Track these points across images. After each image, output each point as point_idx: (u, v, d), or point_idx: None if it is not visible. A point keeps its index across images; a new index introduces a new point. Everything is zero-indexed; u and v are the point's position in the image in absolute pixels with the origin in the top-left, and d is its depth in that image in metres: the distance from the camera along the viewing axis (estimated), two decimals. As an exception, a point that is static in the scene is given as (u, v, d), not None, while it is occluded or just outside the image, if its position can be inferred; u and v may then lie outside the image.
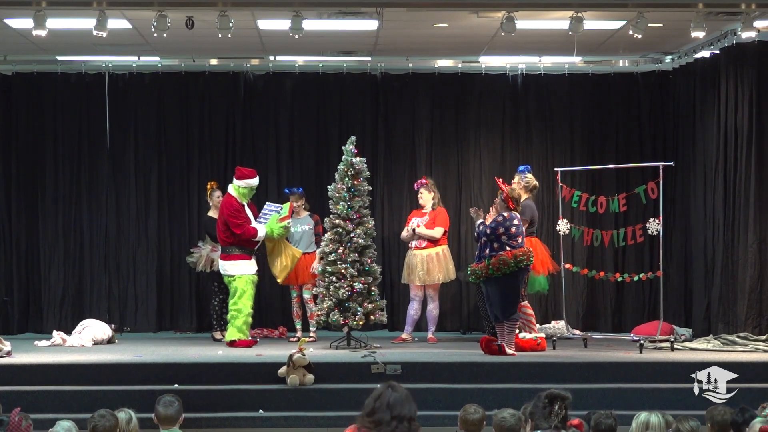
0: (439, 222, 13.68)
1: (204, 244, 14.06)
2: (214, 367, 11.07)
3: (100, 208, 15.05)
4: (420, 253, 13.59)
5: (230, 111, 15.21)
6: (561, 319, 13.89)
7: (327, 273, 12.50)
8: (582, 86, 15.23)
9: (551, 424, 6.11)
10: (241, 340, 12.66)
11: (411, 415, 5.96)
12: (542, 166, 15.03)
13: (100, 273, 15.00)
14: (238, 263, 12.90)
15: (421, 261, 13.56)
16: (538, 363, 11.24)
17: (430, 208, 13.72)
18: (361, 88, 15.25)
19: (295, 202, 13.73)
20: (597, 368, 11.16)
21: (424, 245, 13.58)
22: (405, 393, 6.06)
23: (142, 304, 15.02)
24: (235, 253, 12.90)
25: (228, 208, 12.93)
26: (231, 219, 12.83)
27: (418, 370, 11.00)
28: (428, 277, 13.54)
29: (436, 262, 13.57)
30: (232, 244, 12.90)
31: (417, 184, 13.88)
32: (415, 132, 15.22)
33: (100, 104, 15.05)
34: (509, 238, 11.67)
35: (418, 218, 13.69)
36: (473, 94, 15.24)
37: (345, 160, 12.71)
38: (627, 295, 15.01)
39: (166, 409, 7.24)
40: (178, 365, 11.13)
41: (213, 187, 14.05)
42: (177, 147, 15.15)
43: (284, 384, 10.55)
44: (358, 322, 12.36)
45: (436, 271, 13.56)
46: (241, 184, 12.97)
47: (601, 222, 14.26)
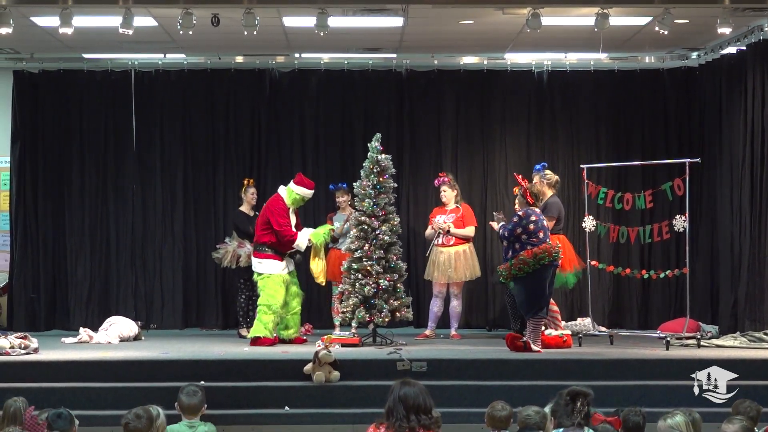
0: (469, 220, 13.67)
1: (231, 240, 14.05)
2: (239, 364, 11.10)
3: (126, 205, 15.11)
4: (447, 251, 13.57)
5: (255, 108, 15.23)
6: (587, 316, 13.84)
7: (352, 270, 12.50)
8: (608, 83, 15.18)
9: (574, 421, 6.12)
10: (265, 338, 12.62)
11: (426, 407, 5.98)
12: (568, 163, 15.01)
13: (127, 270, 15.06)
14: (268, 262, 12.87)
15: (448, 258, 13.54)
16: (564, 360, 11.22)
17: (454, 204, 13.71)
18: (387, 85, 15.25)
19: (341, 197, 13.80)
20: (623, 365, 11.12)
21: (452, 242, 13.56)
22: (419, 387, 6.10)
23: (169, 301, 15.07)
24: (266, 252, 12.88)
25: (275, 205, 12.93)
26: (276, 217, 12.81)
27: (443, 367, 10.99)
28: (456, 274, 13.53)
29: (463, 260, 13.55)
30: (266, 243, 12.89)
31: (438, 182, 13.84)
32: (441, 129, 15.21)
33: (126, 102, 15.11)
34: (529, 236, 11.67)
35: (443, 216, 13.66)
36: (498, 90, 15.21)
37: (370, 157, 12.70)
38: (653, 292, 14.95)
39: (190, 399, 7.27)
40: (203, 362, 11.16)
41: (250, 183, 14.05)
42: (202, 144, 15.19)
43: (310, 381, 10.57)
44: (383, 319, 12.36)
45: (463, 268, 13.55)
46: (296, 190, 12.96)
47: (627, 219, 14.22)
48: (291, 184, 13.05)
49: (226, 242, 14.14)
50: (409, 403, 6.04)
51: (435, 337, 13.68)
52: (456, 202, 13.73)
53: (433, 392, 6.43)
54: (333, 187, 13.96)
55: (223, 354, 11.57)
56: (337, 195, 13.89)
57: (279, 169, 14.95)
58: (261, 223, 13.02)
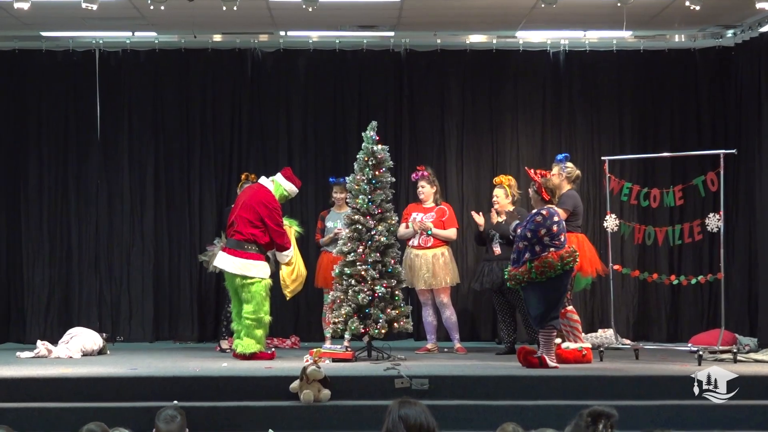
0: (450, 221, 13.71)
1: (220, 241, 13.98)
2: (218, 382, 11.05)
3: (90, 203, 15.09)
4: (424, 254, 13.59)
5: (236, 93, 15.23)
6: (609, 327, 13.84)
7: (345, 275, 12.47)
8: (633, 64, 15.19)
9: (595, 445, 6.08)
10: (262, 353, 12.57)
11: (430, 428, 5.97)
12: (588, 155, 15.02)
13: (90, 276, 15.04)
14: (258, 264, 12.63)
15: (426, 262, 13.55)
16: (584, 377, 11.18)
17: (432, 203, 13.73)
18: (384, 68, 15.25)
19: (339, 194, 13.81)
20: (650, 383, 11.09)
21: (429, 244, 13.57)
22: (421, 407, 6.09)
23: (137, 310, 15.06)
24: (253, 251, 12.64)
25: (268, 200, 12.68)
26: (275, 216, 12.64)
27: (447, 384, 10.95)
28: (434, 280, 13.53)
29: (442, 264, 13.56)
30: (256, 242, 12.62)
31: (415, 176, 13.83)
32: (444, 117, 15.22)
33: (89, 86, 15.09)
34: (552, 238, 11.53)
35: (422, 214, 13.65)
36: (510, 73, 15.22)
37: (365, 148, 12.66)
38: (684, 300, 14.96)
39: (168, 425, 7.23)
40: (177, 379, 11.11)
41: (250, 178, 13.71)
42: (176, 133, 15.18)
43: (297, 400, 10.54)
44: (380, 331, 12.33)
45: (443, 273, 13.55)
46: (285, 185, 12.81)
47: (655, 217, 14.23)
48: (279, 177, 12.95)
49: (215, 244, 14.06)
50: (409, 424, 6.01)
51: (437, 350, 13.68)
52: (435, 200, 13.74)
53: (436, 413, 6.39)
54: (334, 180, 13.92)
55: (199, 370, 11.53)
56: (336, 190, 13.85)
57: (262, 162, 14.95)
58: (247, 217, 12.66)
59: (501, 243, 13.38)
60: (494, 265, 13.39)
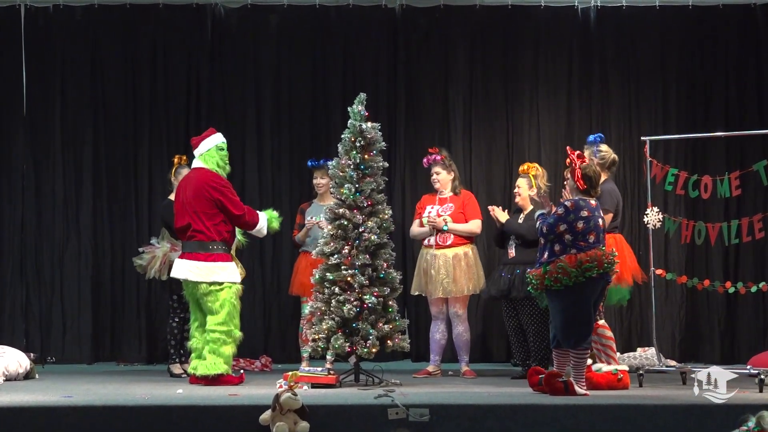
0: (472, 212, 13.67)
1: (160, 241, 13.97)
2: (171, 412, 11.04)
3: (15, 193, 15.13)
4: (443, 254, 13.57)
5: (193, 58, 15.27)
6: (650, 345, 13.87)
7: (327, 282, 12.45)
8: (679, 24, 15.23)
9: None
10: (229, 376, 12.53)
11: None
12: (624, 135, 15.06)
13: (15, 282, 15.08)
14: (227, 266, 12.49)
15: (445, 263, 13.53)
16: (619, 405, 11.19)
17: (451, 192, 13.71)
18: (375, 28, 15.30)
19: (321, 179, 13.84)
20: (700, 412, 11.10)
21: (448, 242, 13.56)
22: None
23: (73, 324, 15.08)
24: (219, 251, 12.46)
25: (216, 181, 12.47)
26: (229, 195, 12.42)
27: (452, 415, 10.95)
28: (454, 286, 13.51)
29: (464, 266, 13.54)
30: (220, 240, 12.54)
31: (427, 160, 13.79)
32: (449, 87, 15.25)
33: (13, 49, 15.11)
34: (575, 237, 11.41)
35: (437, 207, 13.65)
36: (529, 35, 15.28)
37: (352, 126, 12.63)
38: (741, 313, 15.01)
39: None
40: (121, 409, 11.10)
41: (182, 162, 13.70)
42: (120, 108, 15.20)
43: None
44: (370, 350, 12.32)
45: (465, 278, 13.52)
46: (208, 147, 12.57)
47: (706, 211, 14.28)
48: (201, 147, 12.65)
49: (153, 244, 14.06)
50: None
51: (440, 374, 13.69)
52: (453, 188, 13.70)
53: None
54: (313, 164, 13.87)
55: (148, 398, 11.54)
56: (317, 175, 13.82)
57: (227, 142, 14.89)
58: (204, 210, 12.44)
59: (517, 244, 13.34)
60: (505, 269, 13.35)
